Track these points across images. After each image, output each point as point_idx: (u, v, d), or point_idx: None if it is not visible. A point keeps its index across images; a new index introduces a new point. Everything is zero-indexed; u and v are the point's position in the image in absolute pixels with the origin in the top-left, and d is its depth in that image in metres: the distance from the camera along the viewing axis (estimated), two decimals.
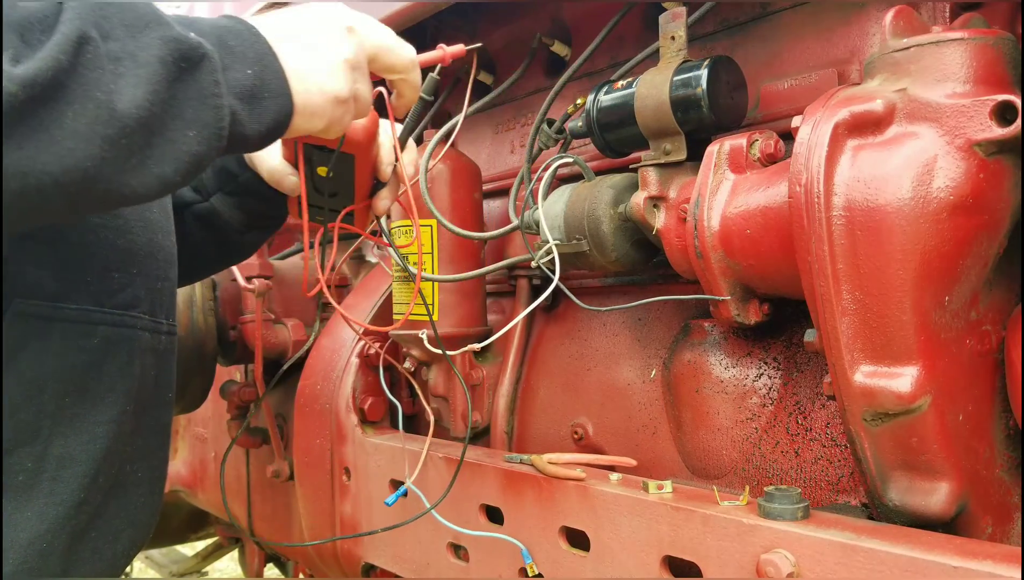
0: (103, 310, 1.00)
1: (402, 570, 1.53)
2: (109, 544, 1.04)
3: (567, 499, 1.16)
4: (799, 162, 0.92)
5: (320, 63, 0.91)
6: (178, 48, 0.77)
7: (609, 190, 1.27)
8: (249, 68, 0.85)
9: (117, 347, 1.01)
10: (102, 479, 1.00)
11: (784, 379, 1.20)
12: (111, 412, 1.00)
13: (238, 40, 0.85)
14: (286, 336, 2.12)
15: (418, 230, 1.30)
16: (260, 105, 0.86)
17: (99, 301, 0.99)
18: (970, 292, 0.93)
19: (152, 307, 1.08)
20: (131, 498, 1.07)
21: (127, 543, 1.08)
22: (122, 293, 1.03)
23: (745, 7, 1.30)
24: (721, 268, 1.09)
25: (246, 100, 0.84)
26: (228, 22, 0.88)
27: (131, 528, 1.08)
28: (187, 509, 3.09)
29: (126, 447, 1.04)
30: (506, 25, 1.73)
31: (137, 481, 1.08)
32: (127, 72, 0.74)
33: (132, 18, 0.77)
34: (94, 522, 1.01)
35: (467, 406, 1.64)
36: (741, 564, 0.93)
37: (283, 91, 0.87)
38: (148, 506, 1.12)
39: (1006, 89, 0.89)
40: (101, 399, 0.99)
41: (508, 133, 1.78)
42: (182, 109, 0.78)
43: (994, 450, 0.97)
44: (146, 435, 1.09)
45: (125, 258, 1.04)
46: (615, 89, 1.26)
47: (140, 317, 1.05)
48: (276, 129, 0.89)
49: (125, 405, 1.02)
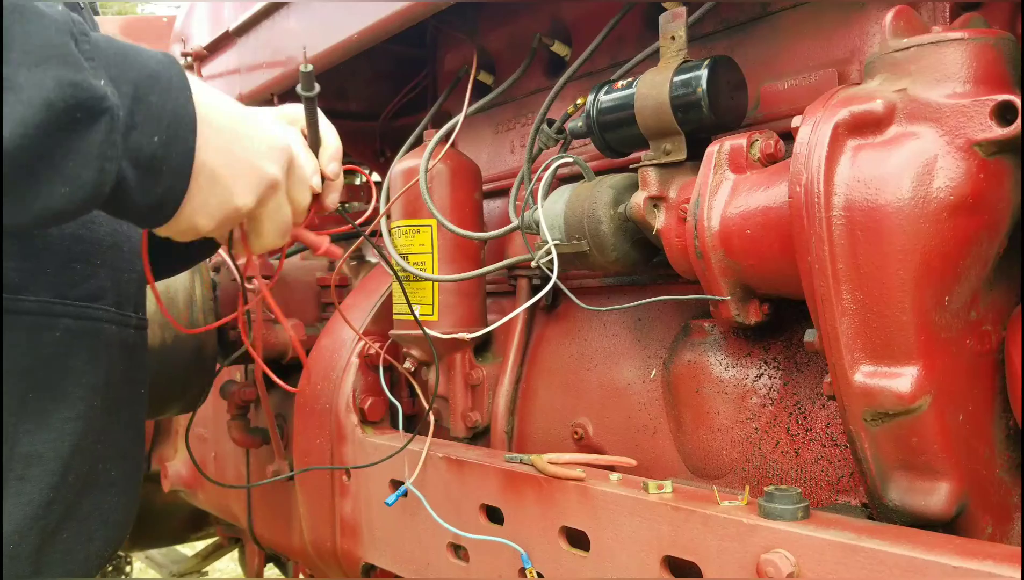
0: (65, 302, 0.96)
1: (402, 570, 1.53)
2: (82, 545, 1.01)
3: (567, 499, 1.16)
4: (799, 162, 0.92)
5: (241, 165, 0.84)
6: (74, 95, 0.69)
7: (609, 190, 1.27)
8: (158, 134, 0.76)
9: (81, 340, 0.97)
10: (72, 478, 0.97)
11: (784, 379, 1.20)
12: (78, 408, 0.97)
13: (163, 97, 0.77)
14: (286, 336, 2.12)
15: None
16: (153, 178, 0.77)
17: (61, 293, 0.95)
18: (970, 292, 0.93)
19: (118, 299, 1.04)
20: (105, 497, 1.04)
21: (101, 543, 1.04)
22: (85, 284, 0.99)
23: (745, 7, 1.29)
24: (721, 268, 1.09)
25: (141, 168, 0.76)
26: (166, 69, 0.79)
27: (105, 528, 1.05)
28: (187, 509, 3.09)
29: (97, 445, 1.01)
30: (506, 25, 1.73)
31: (111, 480, 1.05)
32: (7, 105, 0.66)
33: (36, 45, 0.68)
34: (66, 523, 0.98)
35: (467, 406, 1.64)
36: (741, 564, 0.93)
37: (183, 171, 0.79)
38: (123, 505, 1.08)
39: (1006, 89, 0.89)
40: (67, 394, 0.96)
41: (508, 133, 1.78)
42: (61, 162, 0.70)
43: (994, 450, 0.97)
44: (119, 432, 1.05)
45: (88, 249, 1.00)
46: (615, 89, 1.26)
47: (105, 309, 1.01)
48: (160, 209, 0.81)
49: (92, 400, 0.98)
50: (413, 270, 1.52)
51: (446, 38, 1.95)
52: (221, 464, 2.48)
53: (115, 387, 1.04)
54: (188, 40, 2.29)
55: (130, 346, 1.07)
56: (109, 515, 1.05)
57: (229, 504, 2.48)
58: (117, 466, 1.06)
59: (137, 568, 4.43)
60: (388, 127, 2.35)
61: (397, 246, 1.57)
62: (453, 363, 1.62)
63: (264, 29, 1.90)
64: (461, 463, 1.37)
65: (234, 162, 0.84)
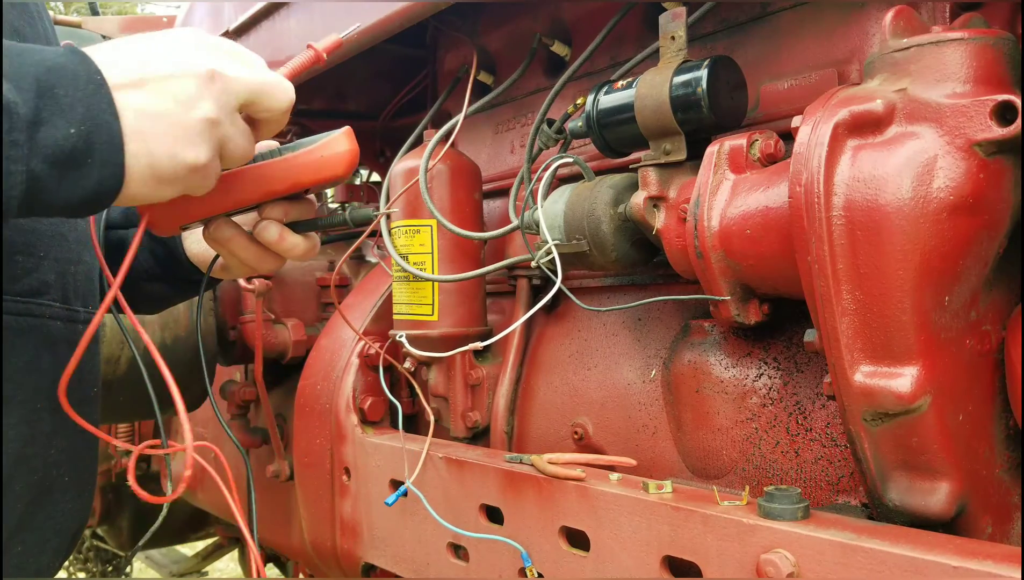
0: (5, 298, 0.88)
1: (402, 570, 1.53)
2: (34, 557, 0.95)
3: (567, 499, 1.16)
4: (799, 162, 0.92)
5: (171, 123, 0.76)
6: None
7: (609, 190, 1.27)
8: (74, 127, 0.71)
9: (23, 339, 0.90)
10: (20, 487, 0.90)
11: (784, 379, 1.20)
12: (20, 412, 0.89)
13: (69, 87, 0.71)
14: (286, 336, 2.12)
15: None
16: (78, 171, 0.72)
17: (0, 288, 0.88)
18: (970, 292, 0.93)
19: (64, 293, 0.97)
20: (59, 505, 0.98)
21: (51, 555, 0.98)
22: (27, 278, 0.91)
23: (745, 7, 1.30)
24: (721, 268, 1.09)
25: (59, 165, 0.71)
26: (66, 59, 0.73)
27: (57, 538, 0.98)
28: (187, 509, 3.09)
29: (46, 450, 0.94)
30: (506, 25, 1.73)
31: (64, 486, 0.98)
32: None
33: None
34: (18, 535, 0.91)
35: (467, 406, 1.64)
36: (741, 564, 0.93)
37: (113, 159, 0.74)
38: (76, 512, 1.02)
39: (1006, 89, 0.89)
40: (9, 398, 0.88)
41: (508, 133, 1.78)
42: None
43: (994, 450, 0.97)
44: (69, 435, 0.97)
45: (29, 239, 0.92)
46: (615, 89, 1.25)
47: (50, 305, 0.94)
48: (97, 200, 0.75)
49: (35, 402, 0.91)
50: (413, 270, 1.52)
51: (446, 38, 1.95)
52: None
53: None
54: None
55: (77, 343, 0.98)
56: (62, 523, 0.99)
57: (229, 504, 2.47)
58: (70, 471, 0.99)
59: (137, 568, 4.44)
60: (388, 127, 2.35)
61: (397, 246, 1.57)
62: (453, 363, 1.62)
63: (264, 29, 1.90)
64: (461, 463, 1.37)
65: (161, 120, 0.76)
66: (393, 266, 1.60)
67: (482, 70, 1.74)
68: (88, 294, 1.04)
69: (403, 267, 1.53)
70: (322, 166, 0.96)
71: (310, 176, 0.97)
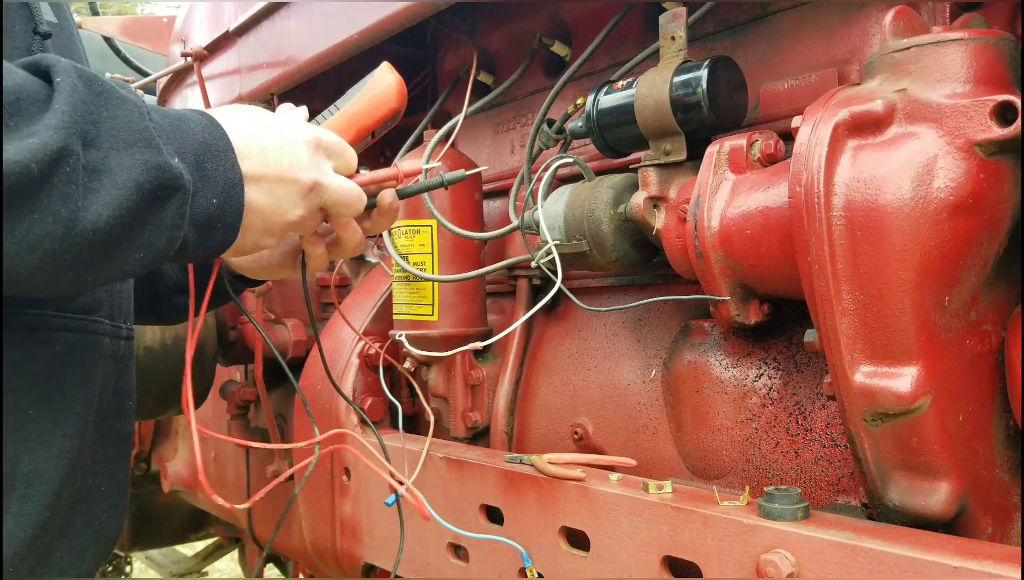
0: (63, 315, 0.94)
1: (402, 570, 1.53)
2: (74, 564, 0.99)
3: (567, 499, 1.16)
4: (799, 162, 0.92)
5: (267, 219, 0.91)
6: (159, 177, 0.76)
7: (609, 190, 1.27)
8: (216, 197, 0.83)
9: (79, 354, 0.96)
10: (66, 495, 0.94)
11: (784, 379, 1.20)
12: (76, 424, 0.94)
13: (215, 163, 0.84)
14: (286, 336, 2.12)
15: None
16: (210, 235, 0.84)
17: (59, 306, 0.94)
18: (970, 292, 0.93)
19: (112, 311, 1.03)
20: (95, 513, 1.02)
21: (91, 561, 1.02)
22: (83, 297, 0.97)
23: (745, 7, 1.30)
24: (721, 268, 1.09)
25: (200, 227, 0.83)
26: (211, 135, 0.85)
27: (96, 546, 1.02)
28: (187, 509, 3.09)
29: (89, 460, 0.98)
30: (506, 25, 1.73)
31: (101, 495, 1.03)
32: (101, 189, 0.72)
33: (123, 129, 0.75)
34: (59, 541, 0.96)
35: (467, 406, 1.64)
36: (741, 564, 0.93)
37: (234, 225, 0.87)
38: (112, 520, 1.06)
39: (1006, 89, 0.89)
40: (65, 411, 0.93)
41: (508, 133, 1.78)
42: (139, 234, 0.76)
43: (994, 450, 0.97)
44: (107, 446, 1.03)
45: None
46: (615, 89, 1.25)
47: (101, 322, 1.00)
48: (214, 255, 0.89)
49: (87, 415, 0.96)
50: (413, 270, 1.52)
51: (446, 38, 1.95)
52: (221, 464, 2.48)
53: (106, 400, 1.02)
54: (188, 40, 2.29)
55: (120, 358, 1.06)
56: (99, 531, 1.03)
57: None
58: (107, 481, 1.04)
59: (137, 568, 4.43)
60: None
61: (397, 246, 1.57)
62: (453, 363, 1.62)
63: (264, 29, 1.90)
64: (461, 463, 1.37)
65: (274, 188, 0.90)
66: (393, 266, 1.60)
67: (482, 70, 1.74)
68: (128, 312, 1.11)
69: (403, 267, 1.53)
70: (377, 105, 1.05)
71: (370, 119, 1.05)
